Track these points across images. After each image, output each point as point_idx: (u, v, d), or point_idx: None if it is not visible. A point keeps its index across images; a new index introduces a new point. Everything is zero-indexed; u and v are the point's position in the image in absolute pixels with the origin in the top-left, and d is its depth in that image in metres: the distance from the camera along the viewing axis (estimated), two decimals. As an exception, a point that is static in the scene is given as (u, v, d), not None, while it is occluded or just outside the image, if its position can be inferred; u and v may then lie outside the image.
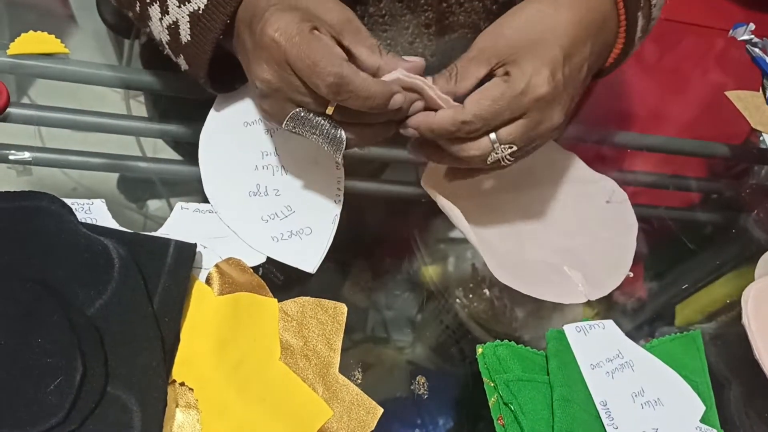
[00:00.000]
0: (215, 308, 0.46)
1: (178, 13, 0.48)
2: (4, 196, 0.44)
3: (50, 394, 0.39)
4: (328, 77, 0.41)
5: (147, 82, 0.62)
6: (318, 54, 0.41)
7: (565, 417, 0.45)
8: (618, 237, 0.61)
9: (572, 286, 0.55)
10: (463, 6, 0.66)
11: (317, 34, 0.42)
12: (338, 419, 0.44)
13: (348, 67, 0.41)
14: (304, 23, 0.42)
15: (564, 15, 0.46)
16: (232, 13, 0.46)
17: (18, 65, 0.58)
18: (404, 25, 0.66)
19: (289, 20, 0.42)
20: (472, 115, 0.43)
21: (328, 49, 0.41)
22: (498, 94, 0.43)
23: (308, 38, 0.41)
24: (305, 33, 0.41)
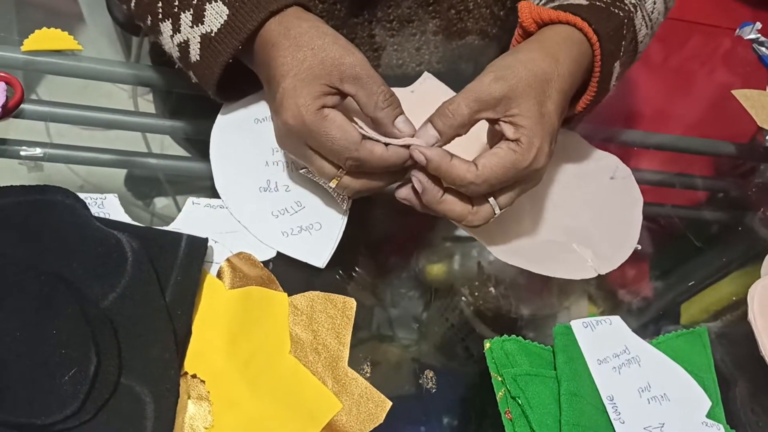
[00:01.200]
0: (226, 302, 0.46)
1: (190, 33, 0.49)
2: (20, 190, 0.45)
3: (65, 385, 0.39)
4: (348, 161, 0.45)
5: (159, 78, 0.63)
6: (335, 142, 0.44)
7: (572, 411, 0.45)
8: (624, 212, 0.62)
9: (581, 262, 0.56)
10: (471, 13, 0.66)
11: (330, 116, 0.45)
12: (347, 412, 0.45)
13: (363, 150, 0.45)
14: (317, 102, 0.45)
15: (562, 70, 0.47)
16: (245, 40, 0.47)
17: (30, 62, 0.58)
18: (412, 32, 0.67)
19: (302, 104, 0.44)
20: (483, 180, 0.45)
21: (343, 133, 0.44)
22: (509, 164, 0.45)
23: (323, 126, 0.44)
24: (320, 119, 0.44)
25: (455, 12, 0.65)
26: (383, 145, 0.45)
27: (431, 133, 0.46)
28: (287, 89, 0.45)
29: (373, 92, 0.46)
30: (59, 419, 0.39)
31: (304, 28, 0.46)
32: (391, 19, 0.65)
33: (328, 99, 0.46)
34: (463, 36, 0.69)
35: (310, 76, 0.45)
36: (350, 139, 0.44)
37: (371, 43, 0.67)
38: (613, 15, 0.50)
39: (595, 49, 0.49)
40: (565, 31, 0.49)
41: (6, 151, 0.54)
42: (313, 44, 0.45)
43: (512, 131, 0.45)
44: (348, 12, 0.63)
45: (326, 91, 0.45)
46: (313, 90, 0.45)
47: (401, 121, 0.46)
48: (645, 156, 0.74)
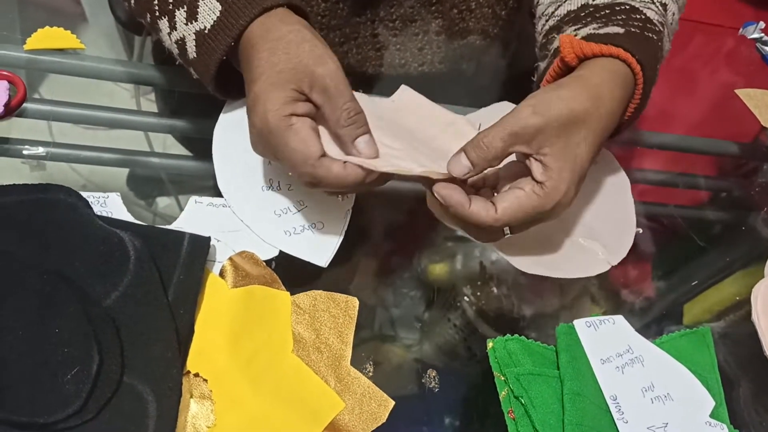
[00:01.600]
0: (229, 301, 0.46)
1: (185, 31, 0.49)
2: (23, 189, 0.45)
3: (67, 384, 0.39)
4: (304, 176, 0.44)
5: (161, 77, 0.63)
6: (294, 155, 0.43)
7: (576, 411, 0.45)
8: (615, 196, 0.62)
9: (593, 257, 0.56)
10: (473, 13, 0.66)
11: (295, 126, 0.44)
12: (350, 411, 0.45)
13: (320, 168, 0.43)
14: (285, 109, 0.44)
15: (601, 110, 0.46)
16: (237, 36, 0.47)
17: (33, 60, 0.58)
18: (414, 31, 0.67)
19: (269, 108, 0.44)
20: (504, 222, 0.45)
21: (303, 148, 0.43)
22: (531, 208, 0.45)
23: (285, 135, 0.43)
24: (283, 128, 0.43)
25: (457, 12, 0.65)
26: (341, 164, 0.44)
27: (464, 163, 0.45)
28: (258, 93, 0.44)
29: (338, 107, 0.45)
30: (61, 418, 0.38)
31: (284, 31, 0.46)
32: (393, 18, 0.65)
33: (299, 106, 0.45)
34: (465, 36, 0.69)
35: (281, 80, 0.44)
36: (308, 153, 0.43)
37: (374, 42, 0.67)
38: (649, 41, 0.49)
39: (638, 80, 0.49)
40: (610, 66, 0.48)
41: (9, 150, 0.54)
42: (289, 49, 0.45)
43: (540, 172, 0.45)
44: (351, 11, 0.63)
45: (297, 97, 0.44)
46: (282, 95, 0.44)
47: (362, 142, 0.45)
48: (648, 156, 0.73)
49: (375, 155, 0.46)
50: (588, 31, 0.51)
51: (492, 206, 0.45)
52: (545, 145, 0.44)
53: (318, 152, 0.44)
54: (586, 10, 0.54)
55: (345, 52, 0.68)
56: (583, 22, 0.53)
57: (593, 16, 0.53)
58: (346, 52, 0.68)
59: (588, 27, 0.52)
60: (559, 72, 0.51)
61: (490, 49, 0.72)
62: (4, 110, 0.52)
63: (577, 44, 0.48)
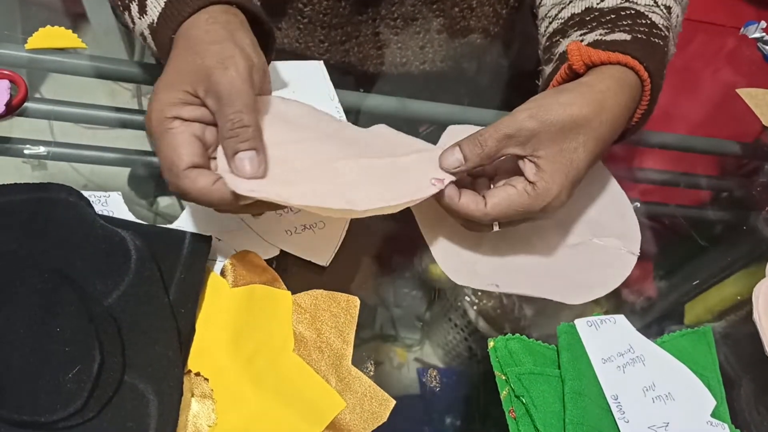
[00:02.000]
0: (230, 300, 0.46)
1: (141, 25, 0.48)
2: (24, 188, 0.45)
3: (69, 383, 0.39)
4: (170, 185, 0.42)
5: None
6: (164, 161, 0.41)
7: (577, 410, 0.45)
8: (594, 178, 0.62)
9: (616, 253, 0.56)
10: (474, 11, 0.66)
11: (173, 131, 0.41)
12: (351, 410, 0.45)
13: (185, 181, 0.41)
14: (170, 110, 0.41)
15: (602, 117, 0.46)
16: (176, 28, 0.45)
17: (34, 60, 0.59)
18: (416, 30, 0.67)
19: (157, 108, 0.41)
20: (492, 218, 0.45)
21: (172, 154, 0.41)
22: (520, 206, 0.45)
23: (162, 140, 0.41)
24: (162, 131, 0.41)
25: (459, 10, 0.65)
26: (211, 179, 0.41)
27: (457, 156, 0.45)
28: (154, 92, 0.42)
29: (224, 116, 0.41)
30: (63, 417, 0.38)
31: (202, 30, 0.43)
32: (395, 17, 0.65)
33: (187, 110, 0.42)
34: (466, 34, 0.69)
35: (175, 80, 0.42)
36: (174, 161, 0.41)
37: (375, 41, 0.67)
38: (656, 47, 0.49)
39: (645, 87, 0.48)
40: (618, 73, 0.47)
41: (10, 149, 0.54)
42: (198, 49, 0.42)
43: (533, 173, 0.45)
44: (352, 9, 0.63)
45: (188, 100, 0.42)
46: (171, 96, 0.41)
47: (243, 158, 0.41)
48: (649, 155, 0.73)
49: (255, 175, 0.41)
50: (594, 37, 0.51)
51: (482, 200, 0.45)
52: (540, 148, 0.45)
53: (186, 162, 0.41)
54: (591, 14, 0.53)
55: (346, 51, 0.68)
56: (589, 27, 0.53)
57: (599, 20, 0.52)
58: (347, 51, 0.68)
59: (594, 32, 0.51)
60: (566, 78, 0.51)
61: (491, 48, 0.72)
62: (5, 109, 0.52)
63: (585, 52, 0.48)
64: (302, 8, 0.64)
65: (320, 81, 0.61)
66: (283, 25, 0.67)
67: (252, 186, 0.41)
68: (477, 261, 0.53)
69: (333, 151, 0.46)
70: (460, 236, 0.54)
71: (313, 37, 0.67)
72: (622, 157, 0.71)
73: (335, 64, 0.69)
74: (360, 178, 0.45)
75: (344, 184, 0.44)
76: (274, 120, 0.46)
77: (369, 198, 0.43)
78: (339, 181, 0.44)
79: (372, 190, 0.44)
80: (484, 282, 0.53)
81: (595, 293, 0.55)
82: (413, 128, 0.70)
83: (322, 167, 0.45)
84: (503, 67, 0.75)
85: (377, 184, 0.45)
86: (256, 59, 0.43)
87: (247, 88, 0.41)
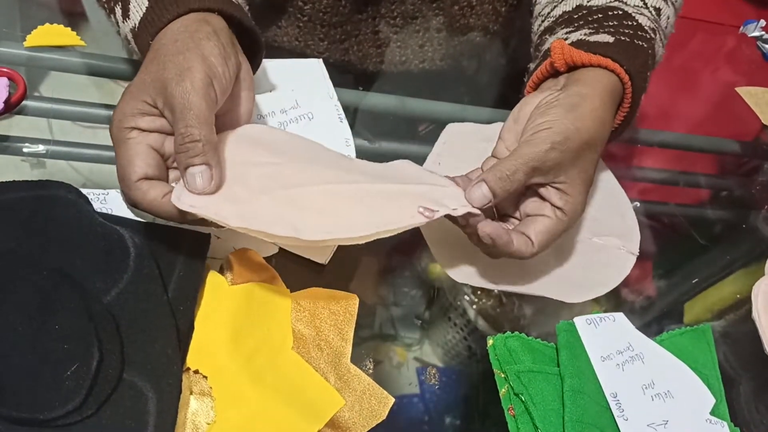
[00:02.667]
0: (229, 298, 0.46)
1: (125, 29, 0.49)
2: (23, 185, 0.45)
3: (67, 380, 0.39)
4: (123, 196, 0.43)
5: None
6: (118, 169, 0.42)
7: (576, 408, 0.45)
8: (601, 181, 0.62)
9: (615, 253, 0.56)
10: (474, 9, 0.66)
11: (130, 142, 0.42)
12: (350, 408, 0.45)
13: (137, 191, 0.41)
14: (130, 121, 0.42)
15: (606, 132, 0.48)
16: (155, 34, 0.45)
17: (33, 57, 0.58)
18: (415, 28, 0.67)
19: (116, 118, 0.42)
20: (538, 251, 0.47)
21: (127, 164, 0.41)
22: (558, 232, 0.47)
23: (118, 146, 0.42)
24: (120, 141, 0.42)
25: (458, 8, 0.65)
26: (162, 192, 0.41)
27: (486, 194, 0.45)
28: (122, 97, 0.42)
29: (177, 130, 0.41)
30: (61, 414, 0.38)
31: (170, 40, 0.43)
32: (395, 15, 0.65)
33: (145, 120, 0.42)
34: (465, 32, 0.69)
35: (138, 90, 0.42)
36: (127, 174, 0.41)
37: (375, 39, 0.67)
38: (639, 49, 0.50)
39: (626, 90, 0.49)
40: (604, 79, 0.48)
41: (9, 147, 0.54)
42: (164, 60, 0.42)
43: (558, 198, 0.47)
44: (352, 8, 0.63)
45: (147, 111, 0.42)
46: (131, 106, 0.42)
47: (193, 173, 0.41)
48: (649, 154, 0.73)
49: (205, 191, 0.41)
50: (578, 36, 0.51)
51: (529, 240, 0.47)
52: (561, 175, 0.46)
53: (138, 174, 0.41)
54: (579, 12, 0.54)
55: (346, 49, 0.68)
56: (575, 25, 0.53)
57: (586, 19, 0.53)
58: (347, 49, 0.68)
59: (579, 32, 0.52)
60: (546, 75, 0.52)
61: (491, 47, 0.72)
62: (4, 107, 0.52)
63: (567, 51, 0.49)
64: (302, 6, 0.64)
65: (319, 79, 0.61)
66: (282, 23, 0.67)
67: (193, 202, 0.41)
68: (477, 259, 0.53)
69: (306, 177, 0.44)
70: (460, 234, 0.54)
71: (313, 35, 0.67)
72: (621, 156, 0.71)
73: (335, 63, 0.69)
74: (326, 206, 0.42)
75: (302, 210, 0.42)
76: (244, 140, 0.46)
77: (323, 228, 0.41)
78: (297, 207, 0.42)
79: (332, 220, 0.41)
80: (483, 280, 0.53)
81: (595, 292, 0.55)
82: (413, 126, 0.70)
83: (285, 191, 0.43)
84: (503, 66, 0.75)
85: (344, 214, 0.42)
86: (221, 69, 0.43)
87: (199, 101, 0.41)
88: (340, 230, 0.41)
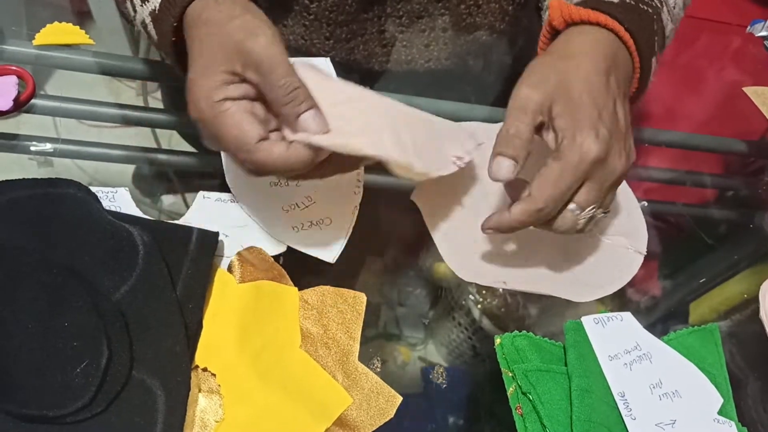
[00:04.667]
0: (237, 296, 0.46)
1: (143, 12, 0.48)
2: (33, 183, 0.45)
3: (77, 378, 0.39)
4: (244, 164, 0.41)
5: (173, 73, 0.62)
6: (230, 143, 0.41)
7: (583, 407, 0.45)
8: None
9: (622, 252, 0.56)
10: (480, 8, 0.66)
11: (228, 111, 0.41)
12: (358, 407, 0.45)
13: (260, 152, 0.40)
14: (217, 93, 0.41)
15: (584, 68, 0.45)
16: (178, 15, 0.44)
17: (41, 56, 0.59)
18: (421, 28, 0.66)
19: (201, 96, 0.41)
20: (543, 201, 0.43)
21: (238, 132, 0.40)
22: (557, 174, 0.43)
23: (218, 122, 0.41)
24: (215, 115, 0.41)
25: (465, 7, 0.65)
26: (285, 145, 0.41)
27: (506, 166, 0.43)
28: (191, 81, 0.42)
29: (274, 84, 0.41)
30: (71, 411, 0.39)
31: (214, 11, 0.42)
32: (400, 14, 0.65)
33: (231, 89, 0.41)
34: (471, 31, 0.68)
35: (211, 63, 0.41)
36: (243, 139, 0.40)
37: (381, 39, 0.67)
38: (643, 13, 0.49)
39: (631, 49, 0.48)
40: (594, 33, 0.47)
41: (17, 146, 0.55)
42: (219, 30, 0.41)
43: (552, 139, 0.45)
44: (358, 7, 0.63)
45: (229, 80, 0.41)
46: (212, 80, 0.41)
47: (307, 117, 0.41)
48: (655, 153, 0.73)
49: (324, 130, 0.41)
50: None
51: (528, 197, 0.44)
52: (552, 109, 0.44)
53: (255, 136, 0.40)
54: None
55: (351, 49, 0.68)
56: None
57: None
58: (352, 49, 0.68)
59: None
60: (547, 38, 0.50)
61: (497, 46, 0.72)
62: (13, 105, 0.53)
63: (566, 9, 0.47)
64: (308, 5, 0.64)
65: (327, 78, 0.61)
66: (288, 21, 0.67)
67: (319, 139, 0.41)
68: (483, 257, 0.53)
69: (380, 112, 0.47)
70: (467, 232, 0.54)
71: (319, 34, 0.67)
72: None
73: (340, 62, 0.69)
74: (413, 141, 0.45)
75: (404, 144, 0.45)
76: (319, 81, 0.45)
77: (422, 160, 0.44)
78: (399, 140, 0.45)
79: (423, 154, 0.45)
80: (490, 279, 0.52)
81: (603, 291, 0.55)
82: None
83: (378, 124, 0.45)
84: (509, 65, 0.75)
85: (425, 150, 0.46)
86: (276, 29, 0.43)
87: (282, 52, 0.41)
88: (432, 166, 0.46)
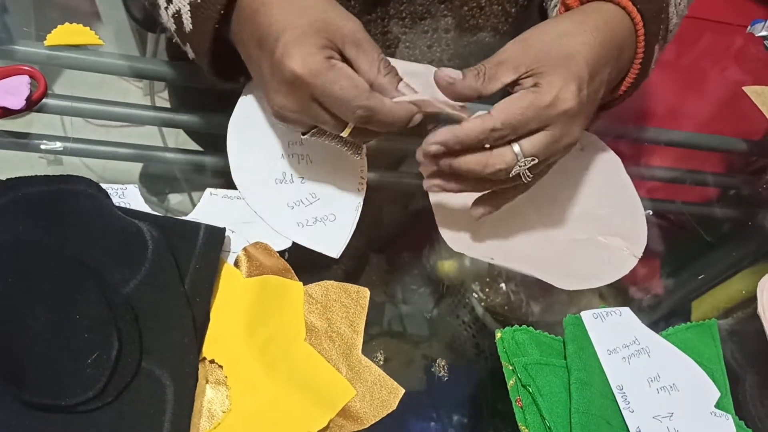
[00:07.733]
0: (243, 290, 0.47)
1: (180, 2, 0.49)
2: (45, 180, 0.46)
3: (88, 368, 0.40)
4: (358, 110, 0.43)
5: (178, 73, 0.63)
6: (346, 90, 0.43)
7: (582, 399, 0.45)
8: (612, 179, 0.62)
9: (618, 253, 0.57)
10: (483, 10, 0.67)
11: (338, 65, 0.44)
12: (361, 398, 0.46)
13: (375, 99, 0.43)
14: (323, 53, 0.43)
15: (590, 36, 0.46)
16: (226, 2, 0.46)
17: (52, 56, 0.60)
18: (424, 29, 0.67)
19: (308, 53, 0.43)
20: (501, 122, 0.44)
21: (353, 82, 0.43)
22: (526, 103, 0.44)
23: (332, 74, 0.43)
24: (328, 68, 0.43)
25: (468, 9, 0.66)
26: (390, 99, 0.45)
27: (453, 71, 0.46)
28: (290, 41, 0.43)
29: (374, 59, 0.45)
30: (82, 401, 0.40)
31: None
32: (403, 15, 0.66)
33: (335, 55, 0.44)
34: (474, 33, 0.69)
35: (312, 29, 0.43)
36: (361, 87, 0.43)
37: (384, 40, 0.68)
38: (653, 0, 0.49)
39: (638, 29, 0.49)
40: (606, 9, 0.48)
41: (27, 144, 0.56)
42: (306, 3, 0.44)
43: (530, 81, 0.45)
44: (361, 8, 0.64)
45: (330, 46, 0.44)
46: (318, 41, 0.43)
47: (404, 86, 0.46)
48: (657, 153, 0.74)
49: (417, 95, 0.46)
50: None
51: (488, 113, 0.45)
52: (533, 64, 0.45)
53: (366, 84, 0.44)
54: None
55: (355, 49, 0.68)
56: None
57: None
58: (356, 49, 0.68)
59: None
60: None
61: (500, 47, 0.73)
62: (25, 104, 0.54)
63: None
64: (313, 6, 0.65)
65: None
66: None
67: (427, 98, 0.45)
68: (477, 231, 0.54)
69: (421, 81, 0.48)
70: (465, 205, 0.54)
71: (323, 34, 0.68)
72: (629, 155, 0.71)
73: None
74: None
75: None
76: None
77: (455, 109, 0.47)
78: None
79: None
80: (480, 252, 0.53)
81: (588, 284, 0.55)
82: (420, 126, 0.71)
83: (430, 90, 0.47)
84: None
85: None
86: None
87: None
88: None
